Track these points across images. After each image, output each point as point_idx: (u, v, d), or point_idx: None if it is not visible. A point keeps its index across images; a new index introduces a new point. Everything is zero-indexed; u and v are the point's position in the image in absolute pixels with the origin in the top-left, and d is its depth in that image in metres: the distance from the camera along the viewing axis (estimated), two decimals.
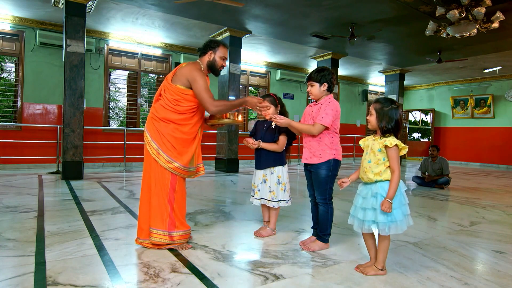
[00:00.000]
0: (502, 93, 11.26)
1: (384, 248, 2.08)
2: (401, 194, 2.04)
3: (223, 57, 2.58)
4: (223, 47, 2.59)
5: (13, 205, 3.69)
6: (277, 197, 2.78)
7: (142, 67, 8.42)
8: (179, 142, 2.44)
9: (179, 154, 2.43)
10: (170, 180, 2.43)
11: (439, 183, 5.98)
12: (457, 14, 5.11)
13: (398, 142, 2.01)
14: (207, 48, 2.57)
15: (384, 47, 8.44)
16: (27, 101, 7.06)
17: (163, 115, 2.43)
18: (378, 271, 2.09)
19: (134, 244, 2.52)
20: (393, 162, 2.01)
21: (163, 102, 2.45)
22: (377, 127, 2.08)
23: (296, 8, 6.06)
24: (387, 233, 2.00)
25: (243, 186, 5.66)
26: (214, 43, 2.58)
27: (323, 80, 2.50)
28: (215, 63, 2.56)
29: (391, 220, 1.99)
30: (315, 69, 2.58)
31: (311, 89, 2.55)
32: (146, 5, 6.06)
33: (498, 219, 3.77)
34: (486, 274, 2.22)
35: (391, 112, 2.04)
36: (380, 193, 2.02)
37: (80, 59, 5.69)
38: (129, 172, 7.03)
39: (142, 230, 2.46)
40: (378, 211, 2.00)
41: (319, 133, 2.46)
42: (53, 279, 1.91)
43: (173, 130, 2.43)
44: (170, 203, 2.44)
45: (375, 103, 2.11)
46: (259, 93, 11.17)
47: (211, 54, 2.56)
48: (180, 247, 2.45)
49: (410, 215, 2.07)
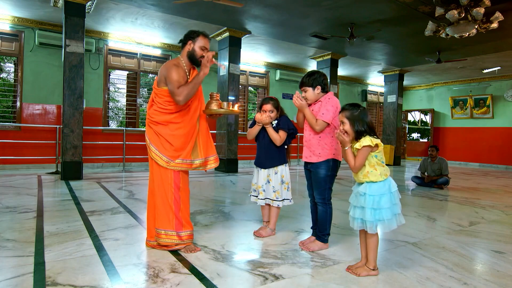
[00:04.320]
0: (501, 93, 11.28)
1: (372, 247, 2.10)
2: (391, 194, 2.06)
3: (203, 47, 2.51)
4: (204, 36, 2.53)
5: (12, 206, 3.68)
6: (282, 196, 2.80)
7: (141, 67, 8.42)
8: (178, 139, 2.43)
9: (178, 150, 2.43)
10: (173, 178, 2.43)
11: (439, 183, 5.98)
12: (456, 14, 5.12)
13: (371, 140, 2.03)
14: (187, 39, 2.52)
15: (383, 47, 8.45)
16: (26, 101, 7.05)
17: (160, 119, 2.43)
18: (370, 272, 2.09)
19: (133, 244, 2.52)
20: (358, 157, 2.07)
21: (156, 107, 2.46)
22: (354, 134, 2.10)
23: (296, 8, 6.06)
24: (374, 231, 2.04)
25: (243, 186, 5.66)
26: (194, 33, 2.53)
27: (315, 83, 2.51)
28: (194, 53, 2.50)
29: (379, 219, 2.03)
30: (305, 74, 2.58)
31: (306, 94, 2.55)
32: (145, 5, 6.05)
33: (497, 219, 3.77)
34: (486, 274, 2.22)
35: (360, 115, 2.08)
36: (368, 193, 2.06)
37: (79, 59, 5.69)
38: (128, 172, 7.02)
39: (151, 232, 2.46)
40: (366, 210, 2.05)
41: (321, 129, 2.46)
42: (52, 279, 1.91)
43: (172, 129, 2.43)
44: (176, 202, 2.43)
45: (342, 111, 2.15)
46: (258, 93, 11.18)
47: (191, 44, 2.51)
48: (189, 250, 2.41)
49: (410, 215, 2.08)
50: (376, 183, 2.06)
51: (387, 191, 2.05)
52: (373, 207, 2.03)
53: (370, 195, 2.05)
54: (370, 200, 2.05)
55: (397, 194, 2.09)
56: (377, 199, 2.04)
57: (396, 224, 2.06)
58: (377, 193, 2.04)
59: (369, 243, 2.11)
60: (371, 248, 2.10)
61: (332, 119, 2.46)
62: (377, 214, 2.03)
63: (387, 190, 2.05)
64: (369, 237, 2.10)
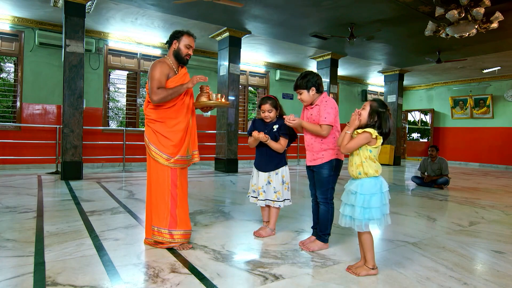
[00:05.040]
0: (501, 93, 11.27)
1: (368, 246, 2.10)
2: (382, 193, 2.07)
3: (187, 45, 2.57)
4: (188, 35, 2.59)
5: (12, 206, 3.68)
6: (283, 197, 2.81)
7: (141, 67, 8.41)
8: (177, 134, 2.46)
9: (176, 146, 2.46)
10: (170, 175, 2.46)
11: (439, 183, 5.98)
12: (456, 14, 5.12)
13: (373, 131, 2.03)
14: (172, 39, 2.59)
15: (383, 47, 8.45)
16: (26, 101, 7.05)
17: (156, 116, 2.47)
18: (369, 271, 2.09)
19: (133, 244, 2.52)
20: (353, 140, 2.08)
21: (151, 105, 2.50)
22: (365, 122, 2.10)
23: (296, 8, 6.06)
24: (362, 229, 2.05)
25: (243, 186, 5.65)
26: (178, 33, 2.59)
27: (309, 85, 2.51)
28: (179, 51, 2.56)
29: (368, 218, 2.04)
30: (299, 77, 2.58)
31: (301, 96, 2.56)
32: (145, 5, 6.05)
33: (497, 219, 3.77)
34: (485, 274, 2.23)
35: (386, 115, 2.08)
36: (359, 191, 2.07)
37: (79, 59, 5.69)
38: (128, 172, 7.02)
39: (149, 230, 2.51)
40: (356, 208, 2.06)
41: (329, 132, 2.47)
42: (52, 279, 1.91)
43: (170, 126, 2.46)
44: (173, 199, 2.45)
45: (373, 101, 2.14)
46: (259, 93, 11.18)
47: (176, 43, 2.57)
48: (181, 247, 2.46)
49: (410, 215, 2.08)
50: (368, 182, 2.06)
51: (378, 191, 2.06)
52: (363, 206, 2.05)
53: (361, 194, 2.06)
54: (361, 199, 2.06)
55: (387, 195, 2.10)
56: (367, 198, 2.05)
57: (383, 225, 2.08)
58: (368, 192, 2.05)
59: (363, 242, 2.12)
60: (366, 247, 2.11)
61: (334, 120, 2.46)
62: (367, 213, 2.04)
63: (378, 190, 2.06)
64: (362, 237, 2.11)
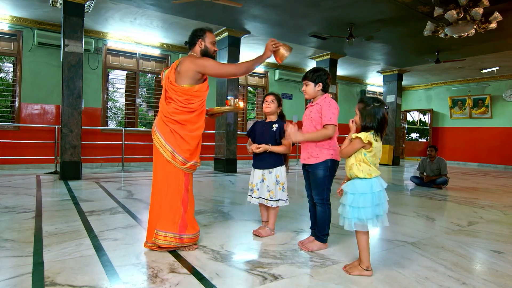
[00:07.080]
0: (500, 93, 11.30)
1: (363, 246, 2.10)
2: (373, 194, 2.05)
3: (213, 42, 2.56)
4: (210, 32, 2.57)
5: (11, 206, 3.67)
6: (276, 197, 2.79)
7: (140, 67, 8.41)
8: (195, 140, 2.43)
9: (194, 153, 2.43)
10: (184, 180, 2.42)
11: (437, 183, 5.99)
12: (455, 14, 5.12)
13: (366, 136, 2.03)
14: (195, 38, 2.54)
15: (382, 47, 8.46)
16: (25, 101, 7.04)
17: (180, 118, 2.38)
18: (362, 272, 2.08)
19: (132, 244, 2.52)
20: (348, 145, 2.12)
21: (175, 105, 2.38)
22: (360, 125, 2.13)
23: (295, 9, 6.06)
24: (352, 228, 2.06)
25: (242, 186, 5.65)
26: (201, 31, 2.55)
27: (318, 80, 2.52)
28: (207, 49, 2.53)
29: (358, 217, 2.04)
30: (311, 69, 2.60)
31: (306, 88, 2.57)
32: (144, 5, 6.05)
33: (496, 219, 3.78)
34: (484, 273, 2.23)
35: (373, 110, 2.07)
36: (349, 191, 2.09)
37: (78, 59, 5.68)
38: (127, 172, 7.02)
39: (151, 234, 2.40)
40: (345, 207, 2.08)
41: (334, 132, 2.47)
42: (51, 279, 1.90)
43: (190, 130, 2.40)
44: (184, 204, 2.42)
45: (358, 103, 2.16)
46: (258, 93, 11.17)
47: (201, 42, 2.53)
48: (187, 248, 2.43)
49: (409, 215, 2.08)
50: (359, 182, 2.08)
51: (369, 191, 2.05)
52: (352, 205, 2.06)
53: (350, 193, 2.08)
54: (350, 198, 2.08)
55: (381, 195, 2.07)
56: (357, 197, 2.06)
57: (377, 226, 2.07)
58: (357, 192, 2.06)
59: (358, 242, 2.12)
60: (361, 247, 2.10)
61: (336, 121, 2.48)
62: (356, 213, 2.04)
63: (368, 190, 2.05)
64: (358, 237, 2.11)
